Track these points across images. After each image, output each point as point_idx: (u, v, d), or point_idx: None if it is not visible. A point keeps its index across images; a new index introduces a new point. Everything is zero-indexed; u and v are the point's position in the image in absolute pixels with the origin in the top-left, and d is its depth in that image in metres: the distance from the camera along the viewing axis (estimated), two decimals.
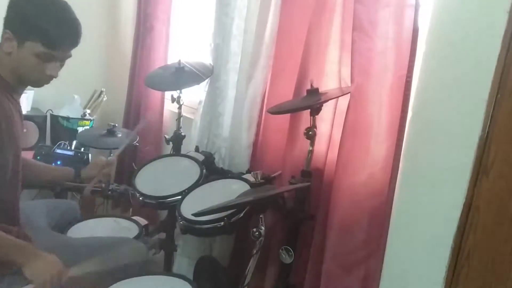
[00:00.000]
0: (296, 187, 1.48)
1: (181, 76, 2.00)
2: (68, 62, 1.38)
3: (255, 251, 1.33)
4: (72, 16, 1.32)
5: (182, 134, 2.08)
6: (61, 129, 2.46)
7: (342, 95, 1.45)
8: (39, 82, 1.35)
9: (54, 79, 1.36)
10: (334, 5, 1.48)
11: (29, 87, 1.42)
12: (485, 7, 0.98)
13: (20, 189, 1.41)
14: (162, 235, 1.90)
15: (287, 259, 1.47)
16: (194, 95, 2.25)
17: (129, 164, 2.29)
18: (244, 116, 1.84)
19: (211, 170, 1.85)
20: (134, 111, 2.60)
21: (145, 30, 2.46)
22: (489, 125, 0.96)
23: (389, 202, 1.30)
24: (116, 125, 2.12)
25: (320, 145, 1.53)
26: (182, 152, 2.04)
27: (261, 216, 1.33)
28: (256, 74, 1.80)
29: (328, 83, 1.54)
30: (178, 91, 2.02)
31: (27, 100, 2.42)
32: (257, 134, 1.85)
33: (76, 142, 2.35)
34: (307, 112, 1.48)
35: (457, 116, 1.04)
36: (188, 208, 1.49)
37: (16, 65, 1.29)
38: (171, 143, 2.08)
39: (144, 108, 2.50)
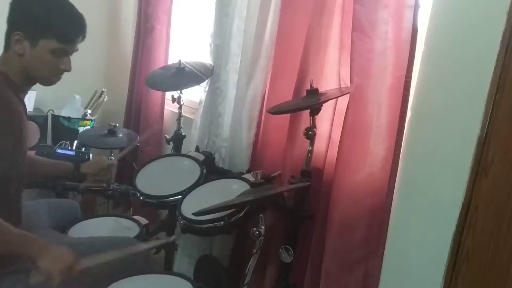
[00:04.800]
0: (296, 187, 1.49)
1: (182, 77, 2.01)
2: None
3: (255, 251, 1.34)
4: (76, 10, 1.36)
5: (183, 134, 2.09)
6: (62, 129, 2.47)
7: (341, 95, 1.45)
8: (51, 79, 1.37)
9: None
10: (334, 5, 1.48)
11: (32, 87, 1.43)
12: (484, 8, 0.99)
13: (23, 187, 1.42)
14: (163, 235, 1.91)
15: (287, 258, 1.47)
16: (194, 95, 2.26)
17: (130, 163, 2.30)
18: (244, 116, 1.85)
19: (211, 170, 1.85)
20: (135, 111, 2.60)
21: (146, 31, 2.47)
22: (488, 125, 0.97)
23: (389, 202, 1.30)
24: (117, 125, 2.12)
25: (320, 145, 1.54)
26: (183, 152, 2.05)
27: (261, 215, 1.34)
28: (256, 74, 1.80)
29: (327, 83, 1.54)
30: (179, 91, 2.03)
31: (29, 100, 2.43)
32: (257, 134, 1.86)
33: (77, 142, 2.36)
34: (306, 112, 1.48)
35: (456, 116, 1.04)
36: (189, 208, 1.49)
37: (29, 64, 1.31)
38: (171, 143, 2.09)
39: (145, 108, 2.50)
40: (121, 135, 2.10)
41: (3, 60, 1.33)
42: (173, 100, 2.04)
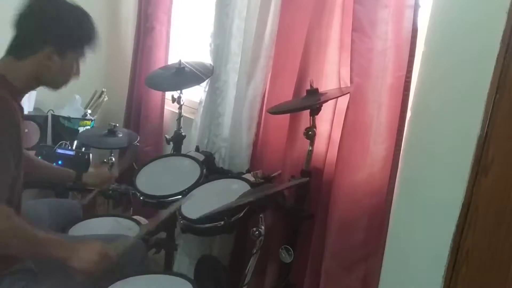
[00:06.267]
0: (295, 183, 1.49)
1: (182, 77, 2.01)
2: None
3: (255, 250, 1.34)
4: (91, 19, 1.41)
5: (183, 134, 2.09)
6: (62, 129, 2.47)
7: (341, 95, 1.45)
8: (65, 84, 1.42)
9: None
10: (334, 5, 1.48)
11: None
12: (485, 8, 0.99)
13: (22, 189, 1.42)
14: (163, 235, 1.91)
15: (287, 258, 1.47)
16: (194, 95, 2.26)
17: (130, 164, 2.30)
18: (244, 116, 1.85)
19: (211, 170, 1.85)
20: (135, 111, 2.60)
21: (146, 31, 2.47)
22: (488, 125, 0.96)
23: (389, 202, 1.30)
24: (117, 125, 2.12)
25: (320, 145, 1.54)
26: (183, 152, 2.05)
27: (261, 215, 1.34)
28: (256, 74, 1.80)
29: (327, 83, 1.55)
30: (179, 91, 2.03)
31: (29, 100, 2.43)
32: (257, 134, 1.86)
33: (77, 142, 2.36)
34: (306, 112, 1.48)
35: (456, 116, 1.04)
36: (189, 208, 1.49)
37: (54, 75, 1.35)
38: (171, 143, 2.09)
39: (145, 108, 2.51)
40: (121, 135, 2.10)
41: (5, 64, 1.32)
42: (173, 100, 2.04)
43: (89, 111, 2.58)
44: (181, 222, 1.49)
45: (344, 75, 1.49)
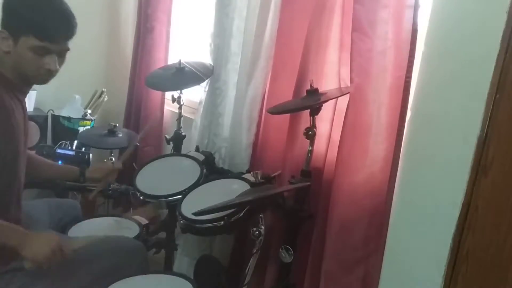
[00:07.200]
0: (296, 187, 1.49)
1: (182, 76, 2.01)
2: (69, 62, 1.39)
3: (255, 250, 1.34)
4: (63, 7, 1.31)
5: (183, 134, 2.09)
6: (62, 129, 2.47)
7: (341, 95, 1.45)
8: (39, 77, 1.33)
9: (56, 76, 1.35)
10: (334, 5, 1.48)
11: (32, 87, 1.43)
12: (484, 8, 0.99)
13: (22, 187, 1.42)
14: (163, 235, 1.91)
15: (287, 258, 1.47)
16: (194, 95, 2.26)
17: (130, 163, 2.30)
18: (244, 116, 1.85)
19: (211, 170, 1.85)
20: (135, 111, 2.60)
21: (146, 31, 2.47)
22: (488, 125, 0.97)
23: (389, 202, 1.30)
24: (117, 125, 2.13)
25: (320, 145, 1.54)
26: (183, 152, 2.05)
27: (261, 215, 1.34)
28: (256, 74, 1.80)
29: (327, 83, 1.55)
30: (179, 91, 2.03)
31: (29, 100, 2.42)
32: (257, 134, 1.86)
33: (77, 142, 2.36)
34: (306, 112, 1.48)
35: (456, 116, 1.04)
36: (189, 208, 1.49)
37: (15, 62, 1.30)
38: (171, 143, 2.09)
39: (145, 108, 2.51)
40: (121, 135, 2.10)
41: None
42: (173, 100, 2.04)
43: (89, 111, 2.57)
44: (181, 222, 1.49)
45: (344, 75, 1.49)
